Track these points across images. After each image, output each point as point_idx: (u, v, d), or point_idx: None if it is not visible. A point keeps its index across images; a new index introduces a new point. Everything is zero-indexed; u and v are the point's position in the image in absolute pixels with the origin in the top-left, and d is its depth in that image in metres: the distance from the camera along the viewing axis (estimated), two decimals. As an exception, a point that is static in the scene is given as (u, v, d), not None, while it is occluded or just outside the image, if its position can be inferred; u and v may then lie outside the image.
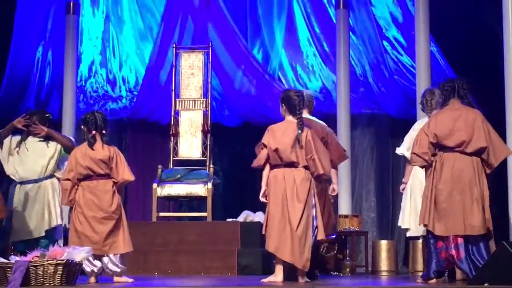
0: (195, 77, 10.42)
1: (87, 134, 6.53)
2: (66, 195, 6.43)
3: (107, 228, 6.29)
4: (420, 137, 6.17)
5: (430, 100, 7.04)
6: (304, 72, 11.79)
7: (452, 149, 6.03)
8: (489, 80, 9.77)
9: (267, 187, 6.23)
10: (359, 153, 11.15)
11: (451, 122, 6.05)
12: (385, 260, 9.21)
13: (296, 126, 6.22)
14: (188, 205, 10.64)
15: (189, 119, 10.30)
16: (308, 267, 6.08)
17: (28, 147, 7.53)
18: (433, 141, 6.08)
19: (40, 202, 7.46)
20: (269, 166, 6.25)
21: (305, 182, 6.18)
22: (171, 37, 11.28)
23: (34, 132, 7.52)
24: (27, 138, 7.57)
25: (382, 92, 11.45)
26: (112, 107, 11.42)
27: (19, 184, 7.50)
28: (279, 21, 11.84)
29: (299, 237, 6.06)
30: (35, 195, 7.47)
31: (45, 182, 7.53)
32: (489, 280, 5.22)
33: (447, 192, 5.97)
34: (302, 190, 6.14)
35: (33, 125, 7.51)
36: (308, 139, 6.21)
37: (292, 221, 6.08)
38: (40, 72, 11.69)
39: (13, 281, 5.06)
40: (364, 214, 10.88)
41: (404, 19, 11.69)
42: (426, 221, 6.01)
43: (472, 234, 5.88)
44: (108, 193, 6.37)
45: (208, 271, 8.28)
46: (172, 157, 10.13)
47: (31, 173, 7.50)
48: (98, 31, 11.90)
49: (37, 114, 7.66)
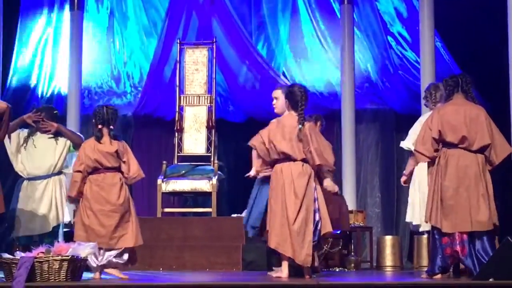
0: (200, 73, 10.43)
1: (95, 127, 6.54)
2: (76, 187, 6.41)
3: (114, 222, 6.29)
4: (423, 132, 6.16)
5: (435, 93, 7.05)
6: (308, 67, 11.77)
7: (455, 145, 6.03)
8: (494, 75, 9.76)
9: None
10: (363, 148, 11.14)
11: (454, 117, 6.04)
12: (389, 255, 9.21)
13: (297, 121, 6.23)
14: (193, 200, 10.65)
15: (193, 115, 10.31)
16: (309, 262, 6.04)
17: (36, 143, 7.53)
18: (436, 137, 6.07)
19: (48, 198, 7.47)
20: (271, 162, 6.27)
21: (302, 176, 6.15)
22: (175, 33, 11.27)
23: (43, 128, 7.53)
24: (36, 134, 7.57)
25: (387, 88, 11.43)
26: (116, 103, 11.41)
27: (27, 180, 7.51)
28: (284, 16, 11.82)
29: (297, 232, 6.03)
30: (43, 191, 7.48)
31: (54, 179, 7.54)
32: (494, 275, 5.22)
33: (453, 188, 5.96)
34: (299, 184, 6.12)
35: (42, 121, 7.51)
36: (305, 132, 6.21)
37: (289, 216, 6.06)
38: (45, 68, 11.68)
39: (18, 276, 5.07)
40: (368, 209, 10.87)
41: (409, 14, 11.66)
42: (433, 218, 6.00)
43: (479, 230, 5.88)
44: (116, 186, 6.38)
45: (213, 266, 8.29)
46: (177, 152, 10.14)
47: (40, 169, 7.51)
48: (103, 26, 11.90)
49: (45, 111, 7.67)
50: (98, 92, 11.65)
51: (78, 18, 10.92)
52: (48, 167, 7.50)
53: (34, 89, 11.51)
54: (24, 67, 11.59)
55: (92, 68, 11.64)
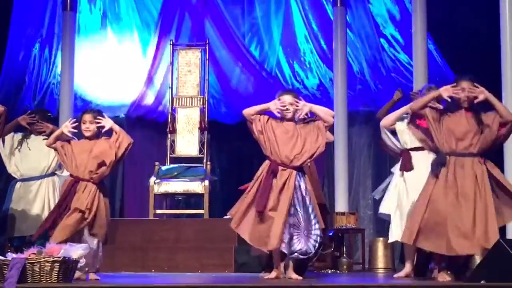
0: (192, 74, 10.43)
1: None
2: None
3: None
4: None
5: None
6: (301, 69, 11.78)
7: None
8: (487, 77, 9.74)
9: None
10: (356, 150, 11.15)
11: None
12: (382, 257, 9.22)
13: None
14: (185, 202, 10.64)
15: (186, 116, 10.31)
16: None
17: (30, 145, 7.59)
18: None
19: (41, 199, 7.50)
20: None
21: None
22: (168, 34, 11.27)
23: (39, 129, 7.56)
24: (30, 136, 7.61)
25: (379, 89, 11.44)
26: (109, 105, 11.39)
27: (20, 181, 7.53)
28: (277, 18, 11.83)
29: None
30: (36, 193, 7.51)
31: (47, 180, 7.58)
32: (486, 277, 5.22)
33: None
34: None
35: (37, 123, 7.55)
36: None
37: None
38: (37, 69, 11.66)
39: (9, 278, 5.05)
40: (361, 211, 10.88)
41: (402, 17, 11.68)
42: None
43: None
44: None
45: (205, 268, 8.28)
46: (169, 154, 10.14)
47: (33, 170, 7.55)
48: (95, 27, 11.87)
49: (39, 113, 7.74)
50: (91, 93, 11.61)
51: (71, 18, 10.89)
52: (42, 168, 7.54)
53: (26, 89, 11.47)
54: (16, 67, 11.55)
55: (84, 69, 11.61)
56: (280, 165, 6.15)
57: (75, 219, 6.04)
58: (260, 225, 6.03)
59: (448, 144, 5.88)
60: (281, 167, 6.15)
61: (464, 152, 5.84)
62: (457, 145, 5.86)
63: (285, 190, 6.09)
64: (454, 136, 5.87)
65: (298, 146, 6.19)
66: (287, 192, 6.08)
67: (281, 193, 6.08)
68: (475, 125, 5.86)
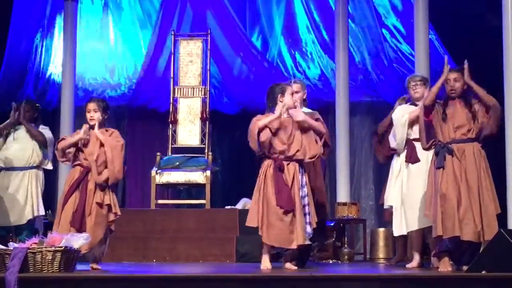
0: (194, 65, 10.42)
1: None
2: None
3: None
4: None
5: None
6: (303, 59, 11.77)
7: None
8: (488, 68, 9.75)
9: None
10: (358, 141, 11.16)
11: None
12: (383, 247, 9.23)
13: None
14: (187, 192, 10.65)
15: (187, 107, 10.30)
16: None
17: (16, 135, 7.65)
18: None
19: (24, 190, 7.57)
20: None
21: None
22: (169, 25, 11.27)
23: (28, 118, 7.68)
24: (18, 128, 7.71)
25: (381, 80, 11.44)
26: (110, 95, 11.40)
27: (4, 171, 7.59)
28: (278, 8, 11.81)
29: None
30: (19, 183, 7.57)
31: (30, 172, 7.64)
32: (486, 267, 5.22)
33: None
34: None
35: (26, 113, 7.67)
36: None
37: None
38: (39, 59, 11.66)
39: (11, 267, 5.06)
40: (362, 201, 10.89)
41: (404, 7, 11.66)
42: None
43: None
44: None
45: (206, 258, 8.29)
46: (171, 144, 10.14)
47: (16, 160, 7.62)
48: (97, 18, 11.86)
49: (27, 103, 7.90)
50: (92, 83, 11.63)
51: (73, 8, 10.88)
52: (26, 159, 7.60)
53: (28, 79, 11.48)
54: (17, 58, 11.55)
55: (86, 60, 11.61)
56: (284, 160, 6.14)
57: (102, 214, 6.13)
58: (281, 223, 6.05)
59: (448, 133, 6.03)
60: (285, 162, 6.14)
61: (463, 139, 6.00)
62: (456, 133, 6.02)
63: (295, 185, 6.09)
64: (453, 125, 6.03)
65: (297, 140, 6.17)
66: (297, 186, 6.09)
67: (292, 188, 6.08)
68: (469, 112, 6.04)
